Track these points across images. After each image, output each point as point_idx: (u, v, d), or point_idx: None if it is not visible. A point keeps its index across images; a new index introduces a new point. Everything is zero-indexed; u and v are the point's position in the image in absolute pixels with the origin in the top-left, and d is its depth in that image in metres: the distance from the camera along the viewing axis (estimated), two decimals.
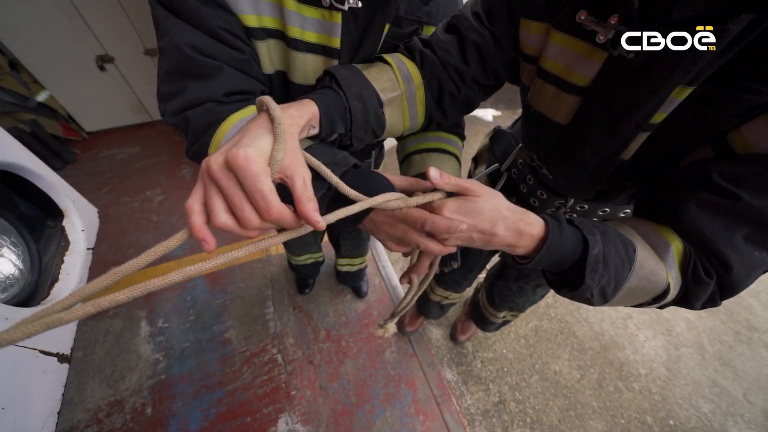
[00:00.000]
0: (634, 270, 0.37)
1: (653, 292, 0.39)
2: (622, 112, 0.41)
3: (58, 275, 0.54)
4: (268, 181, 0.27)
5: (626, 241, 0.39)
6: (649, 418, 1.35)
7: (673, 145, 0.42)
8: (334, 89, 0.45)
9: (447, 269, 0.99)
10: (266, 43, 0.48)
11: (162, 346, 1.37)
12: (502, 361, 1.47)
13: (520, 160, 0.71)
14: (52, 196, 0.54)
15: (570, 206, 0.63)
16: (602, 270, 0.36)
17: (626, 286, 0.38)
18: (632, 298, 0.41)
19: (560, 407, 1.35)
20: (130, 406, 1.21)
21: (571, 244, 0.38)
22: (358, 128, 0.46)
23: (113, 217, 1.89)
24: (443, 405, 1.28)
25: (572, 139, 0.50)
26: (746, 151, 0.36)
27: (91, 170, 2.18)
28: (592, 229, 0.38)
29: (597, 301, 0.40)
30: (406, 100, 0.52)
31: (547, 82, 0.48)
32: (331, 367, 1.35)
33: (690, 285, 0.39)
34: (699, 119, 0.38)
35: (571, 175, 0.57)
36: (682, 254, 0.39)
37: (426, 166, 0.49)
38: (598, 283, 0.37)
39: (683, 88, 0.37)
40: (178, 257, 1.69)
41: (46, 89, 2.06)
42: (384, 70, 0.51)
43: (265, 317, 1.49)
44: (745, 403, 1.44)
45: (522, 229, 0.37)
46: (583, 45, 0.41)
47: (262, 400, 1.25)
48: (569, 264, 0.39)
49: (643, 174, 0.49)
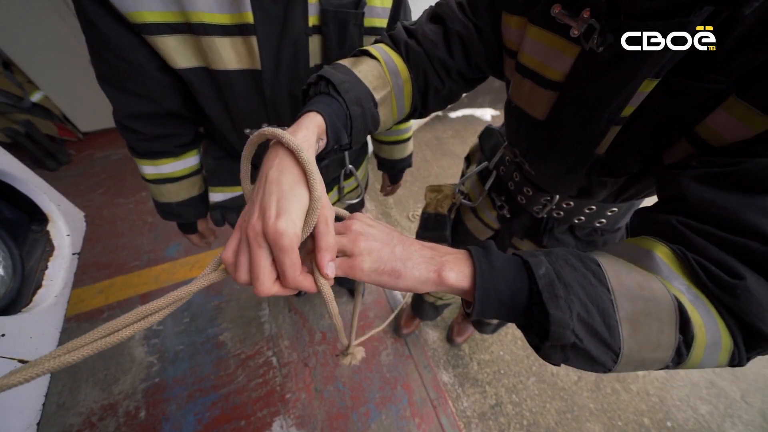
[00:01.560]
0: (613, 289, 0.29)
1: (666, 318, 0.28)
2: (594, 106, 0.41)
3: (42, 281, 0.53)
4: (295, 255, 0.29)
5: (582, 256, 0.32)
6: (647, 420, 1.35)
7: (643, 136, 0.42)
8: (332, 95, 0.43)
9: None
10: (172, 37, 0.47)
11: (156, 348, 1.36)
12: (498, 363, 1.46)
13: (507, 157, 0.71)
14: (35, 200, 0.53)
15: (556, 203, 0.63)
16: (564, 293, 0.28)
17: (622, 316, 0.28)
18: (648, 336, 0.29)
19: (557, 409, 1.34)
20: (124, 410, 1.20)
21: (510, 273, 0.31)
22: (357, 132, 0.46)
23: (108, 218, 1.87)
24: (439, 408, 1.27)
25: (549, 134, 0.50)
26: (719, 143, 0.35)
27: (86, 171, 2.16)
28: (533, 252, 0.32)
29: (597, 353, 0.29)
30: (395, 95, 0.52)
31: (525, 77, 0.48)
32: (327, 370, 1.34)
33: (725, 299, 0.28)
34: (662, 109, 0.38)
35: (550, 170, 0.57)
36: (676, 259, 0.31)
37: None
38: (569, 312, 0.27)
39: (650, 81, 0.37)
40: (173, 259, 1.68)
41: (41, 89, 2.05)
42: (372, 65, 0.49)
43: (260, 319, 1.48)
44: (742, 405, 1.43)
45: (438, 248, 0.34)
46: (557, 39, 0.41)
47: (257, 403, 1.24)
48: (523, 299, 0.30)
49: (620, 169, 0.48)
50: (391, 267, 0.32)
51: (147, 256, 1.69)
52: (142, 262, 1.66)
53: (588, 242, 0.68)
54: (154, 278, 1.60)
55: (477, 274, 0.31)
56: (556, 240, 0.68)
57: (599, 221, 0.63)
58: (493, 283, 0.31)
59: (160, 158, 0.65)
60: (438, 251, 0.34)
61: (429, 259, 0.33)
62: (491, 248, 0.34)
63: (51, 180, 0.60)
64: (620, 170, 0.49)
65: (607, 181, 0.52)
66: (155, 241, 1.76)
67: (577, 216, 0.63)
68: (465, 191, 0.88)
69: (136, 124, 0.57)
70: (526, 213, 0.70)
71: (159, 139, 0.61)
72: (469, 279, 0.32)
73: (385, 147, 0.98)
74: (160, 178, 0.67)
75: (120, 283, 1.57)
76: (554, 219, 0.66)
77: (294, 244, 0.28)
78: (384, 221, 2.08)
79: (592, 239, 0.67)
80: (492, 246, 0.34)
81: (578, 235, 0.67)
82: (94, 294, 1.52)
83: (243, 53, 0.52)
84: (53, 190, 0.60)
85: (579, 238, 0.67)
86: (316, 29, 0.55)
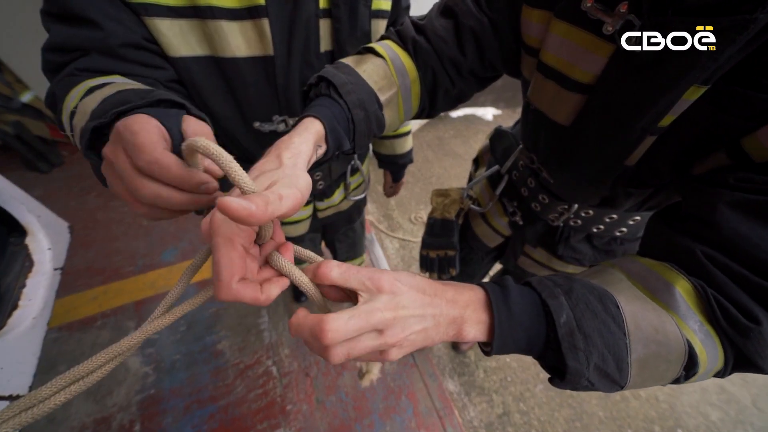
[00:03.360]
0: (629, 333, 0.29)
1: (675, 358, 0.29)
2: (628, 113, 0.37)
3: (19, 300, 0.49)
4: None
5: (602, 294, 0.31)
6: (657, 427, 1.31)
7: (680, 149, 0.38)
8: (333, 98, 0.41)
9: (445, 276, 0.95)
10: (174, 21, 0.43)
11: (152, 358, 1.31)
12: (505, 371, 1.42)
13: (521, 162, 0.67)
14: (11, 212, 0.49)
15: (574, 212, 0.59)
16: (584, 344, 0.28)
17: (633, 358, 0.29)
18: (652, 374, 0.31)
19: (566, 418, 1.31)
20: (118, 423, 1.15)
21: (528, 318, 0.30)
22: (360, 136, 0.43)
23: (102, 222, 1.82)
24: (445, 418, 1.23)
25: (573, 141, 0.46)
26: (763, 158, 0.31)
27: (79, 173, 2.10)
28: (551, 289, 0.31)
29: (605, 388, 0.31)
30: (401, 96, 0.49)
31: (548, 78, 0.44)
32: (329, 380, 1.30)
33: (732, 336, 0.29)
34: (708, 122, 0.33)
35: (572, 179, 0.53)
36: (695, 295, 0.31)
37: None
38: (587, 363, 0.28)
39: (697, 88, 0.32)
40: (169, 264, 1.63)
41: (31, 89, 1.99)
42: (378, 64, 0.46)
43: (259, 327, 1.43)
44: (754, 411, 1.40)
45: (457, 299, 0.31)
46: (587, 36, 0.37)
47: (257, 415, 1.20)
48: (539, 344, 0.31)
49: (650, 180, 0.44)
50: (419, 347, 0.30)
51: (142, 260, 1.64)
52: (137, 267, 1.61)
53: (606, 251, 0.64)
54: (150, 284, 1.55)
55: (496, 325, 0.30)
56: (572, 249, 0.64)
57: (620, 230, 0.59)
58: (511, 332, 0.30)
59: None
60: (458, 305, 0.31)
61: (451, 322, 0.30)
62: (510, 289, 0.32)
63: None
64: (649, 181, 0.45)
65: (633, 192, 0.48)
66: (151, 245, 1.71)
67: (596, 225, 0.59)
68: (474, 196, 0.84)
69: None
70: (540, 220, 0.66)
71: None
72: (487, 331, 0.31)
73: (387, 142, 0.95)
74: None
75: (114, 290, 1.52)
76: (571, 227, 0.62)
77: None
78: (386, 224, 2.03)
79: (610, 248, 0.63)
80: (510, 286, 0.32)
81: (596, 244, 0.63)
82: (87, 301, 1.47)
83: (253, 38, 0.48)
84: (32, 200, 0.55)
85: (596, 248, 0.63)
86: (326, 12, 0.52)
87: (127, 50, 0.41)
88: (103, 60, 0.40)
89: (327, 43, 0.55)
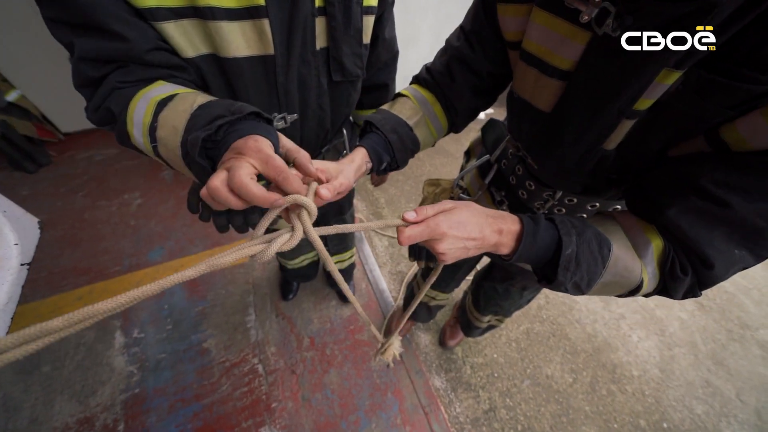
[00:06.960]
0: (607, 268, 0.40)
1: (627, 287, 0.42)
2: (604, 96, 0.39)
3: None
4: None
5: (602, 241, 0.41)
6: (643, 421, 1.32)
7: (662, 136, 0.40)
8: (374, 131, 0.57)
9: (432, 264, 0.95)
10: (178, 23, 0.44)
11: (137, 357, 1.31)
12: (492, 366, 1.43)
13: (510, 150, 0.69)
14: None
15: (558, 199, 0.61)
16: (574, 269, 0.40)
17: (600, 281, 0.41)
18: (606, 291, 0.44)
19: (552, 413, 1.31)
20: (101, 423, 1.14)
21: (545, 244, 0.41)
22: (399, 152, 0.59)
23: (89, 221, 1.81)
24: (431, 414, 1.23)
25: (555, 127, 0.48)
26: (740, 148, 0.34)
27: (67, 173, 2.09)
28: (569, 228, 0.41)
29: (572, 293, 0.43)
30: (428, 118, 0.62)
31: (530, 65, 0.46)
32: (315, 377, 1.30)
33: (667, 280, 0.41)
34: (691, 109, 0.35)
35: (555, 165, 0.55)
36: (662, 252, 0.41)
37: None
38: (570, 279, 0.40)
39: (669, 71, 0.34)
40: (156, 263, 1.62)
41: (17, 88, 1.97)
42: (404, 102, 0.62)
43: (246, 325, 1.43)
44: (738, 403, 1.41)
45: (503, 228, 0.41)
46: (565, 25, 0.39)
47: (242, 413, 1.19)
48: (544, 261, 0.43)
49: (630, 167, 0.46)
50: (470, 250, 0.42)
51: (129, 260, 1.63)
52: (123, 266, 1.60)
53: None
54: (135, 284, 1.53)
55: (519, 250, 0.41)
56: None
57: None
58: (527, 254, 0.42)
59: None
60: (503, 223, 0.42)
61: (497, 232, 0.42)
62: (540, 224, 0.42)
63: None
64: (630, 168, 0.46)
65: (614, 178, 0.50)
66: (138, 244, 1.70)
67: (579, 213, 0.61)
68: (464, 185, 0.85)
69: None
70: (526, 209, 0.67)
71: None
72: (511, 251, 0.42)
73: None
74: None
75: (100, 290, 1.51)
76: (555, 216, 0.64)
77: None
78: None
79: None
80: (541, 223, 0.42)
81: None
82: (72, 301, 1.46)
83: (252, 38, 0.49)
84: None
85: None
86: (321, 10, 0.53)
87: (153, 55, 0.44)
88: (139, 70, 0.44)
89: (322, 40, 0.56)
